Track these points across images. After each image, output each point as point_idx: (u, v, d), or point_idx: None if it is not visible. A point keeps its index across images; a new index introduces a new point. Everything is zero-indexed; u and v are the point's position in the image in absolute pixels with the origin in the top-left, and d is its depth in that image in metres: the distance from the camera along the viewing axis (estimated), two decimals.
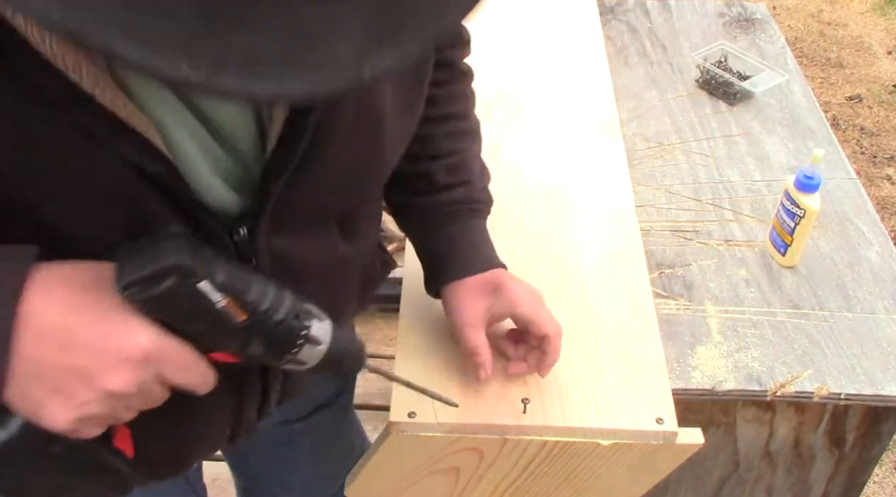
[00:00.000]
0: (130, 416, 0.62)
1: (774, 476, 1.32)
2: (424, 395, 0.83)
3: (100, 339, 0.58)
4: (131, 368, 0.58)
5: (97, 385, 0.57)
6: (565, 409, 0.91)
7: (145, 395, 0.61)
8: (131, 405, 0.61)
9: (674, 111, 1.68)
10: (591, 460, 0.92)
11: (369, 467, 0.94)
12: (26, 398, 0.57)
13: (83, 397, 0.57)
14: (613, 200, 1.21)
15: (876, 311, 1.28)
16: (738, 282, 1.32)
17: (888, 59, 3.63)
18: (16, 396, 0.56)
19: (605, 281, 1.08)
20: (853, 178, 1.54)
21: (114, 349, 0.58)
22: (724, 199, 1.48)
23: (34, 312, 0.56)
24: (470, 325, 0.89)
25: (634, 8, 2.01)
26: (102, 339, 0.58)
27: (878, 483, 2.07)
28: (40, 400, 0.57)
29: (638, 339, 1.01)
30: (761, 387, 1.16)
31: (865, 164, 3.05)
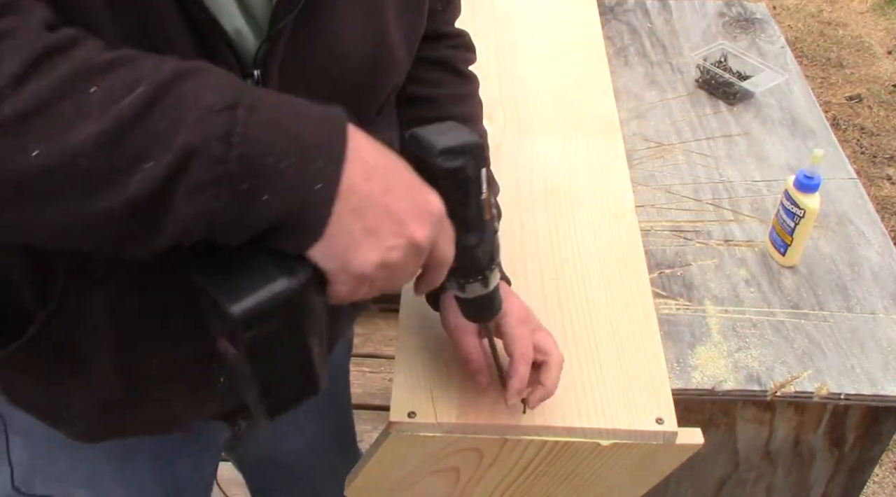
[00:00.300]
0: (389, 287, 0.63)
1: (774, 476, 1.32)
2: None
3: (411, 191, 0.61)
4: (430, 224, 0.61)
5: (407, 231, 0.60)
6: (565, 409, 0.91)
7: (415, 263, 0.63)
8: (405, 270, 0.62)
9: (674, 111, 1.68)
10: (590, 460, 0.92)
11: (369, 467, 0.94)
12: (343, 235, 0.58)
13: (391, 242, 0.59)
14: (613, 200, 1.21)
15: (876, 311, 1.28)
16: (738, 282, 1.32)
17: (888, 59, 3.63)
18: (334, 232, 0.57)
19: (605, 281, 1.08)
20: (853, 178, 1.54)
21: (421, 202, 0.61)
22: (724, 199, 1.48)
23: (361, 148, 0.58)
24: (463, 332, 0.88)
25: (634, 8, 2.01)
26: (413, 191, 0.61)
27: (878, 483, 2.07)
28: (356, 238, 0.58)
29: (638, 339, 1.01)
30: (761, 387, 1.16)
31: (865, 164, 3.05)
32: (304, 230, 0.57)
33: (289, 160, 0.55)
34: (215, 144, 0.52)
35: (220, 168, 0.52)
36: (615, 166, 1.29)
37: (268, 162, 0.54)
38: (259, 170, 0.54)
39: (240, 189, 0.53)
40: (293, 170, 0.55)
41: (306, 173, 0.55)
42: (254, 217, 0.55)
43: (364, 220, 0.58)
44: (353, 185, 0.57)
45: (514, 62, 1.53)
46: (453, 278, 0.74)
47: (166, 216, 0.53)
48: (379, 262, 0.59)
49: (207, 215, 0.54)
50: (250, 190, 0.54)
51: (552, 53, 1.56)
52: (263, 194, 0.54)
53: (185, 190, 0.52)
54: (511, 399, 0.85)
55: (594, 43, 1.59)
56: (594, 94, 1.44)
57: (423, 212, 0.61)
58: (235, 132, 0.53)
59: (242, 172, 0.53)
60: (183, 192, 0.52)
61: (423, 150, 0.66)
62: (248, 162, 0.53)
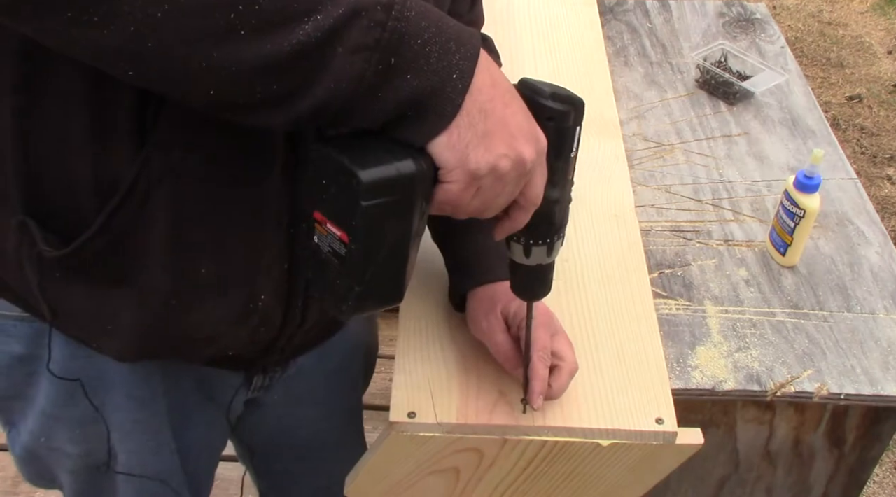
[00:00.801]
0: (488, 204, 0.68)
1: (774, 476, 1.32)
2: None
3: (525, 114, 0.67)
4: (536, 149, 0.67)
5: (517, 146, 0.65)
6: (565, 409, 0.91)
7: (515, 183, 0.67)
8: (507, 185, 0.67)
9: (674, 111, 1.68)
10: (590, 460, 0.92)
11: (369, 467, 0.94)
12: (465, 129, 0.63)
13: (502, 150, 0.65)
14: (613, 200, 1.21)
15: (876, 311, 1.28)
16: (737, 282, 1.32)
17: (888, 59, 3.63)
18: (460, 124, 0.63)
19: (605, 281, 1.08)
20: (853, 178, 1.54)
21: (532, 127, 0.67)
22: (724, 199, 1.48)
23: (488, 61, 0.65)
24: (495, 330, 0.91)
25: (634, 8, 2.01)
26: (526, 115, 0.67)
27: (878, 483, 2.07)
28: (476, 135, 0.64)
29: (638, 339, 1.01)
30: (761, 387, 1.16)
31: (865, 164, 3.05)
32: (435, 117, 0.62)
33: (433, 47, 0.60)
34: (379, 11, 0.58)
35: (377, 32, 0.58)
36: (615, 166, 1.29)
37: (416, 43, 0.60)
38: (407, 48, 0.59)
39: (389, 61, 0.59)
40: (435, 57, 0.61)
41: (446, 63, 0.61)
42: (393, 95, 0.60)
43: (485, 121, 0.64)
44: (482, 87, 0.63)
45: (513, 62, 1.53)
46: (524, 236, 0.77)
47: (322, 72, 0.58)
48: (491, 165, 0.64)
49: (356, 81, 0.58)
50: (397, 65, 0.59)
51: (552, 53, 1.56)
52: (408, 72, 0.60)
53: (344, 48, 0.57)
54: (536, 402, 0.87)
55: (594, 43, 1.59)
56: (594, 94, 1.44)
57: (532, 136, 0.67)
58: (395, 5, 0.58)
59: (394, 45, 0.59)
60: (342, 50, 0.57)
61: (535, 91, 0.70)
62: (400, 37, 0.59)
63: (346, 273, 0.66)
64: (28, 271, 0.76)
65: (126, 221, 0.72)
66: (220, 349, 0.86)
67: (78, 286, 0.76)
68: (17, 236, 0.74)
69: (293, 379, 1.03)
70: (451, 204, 0.66)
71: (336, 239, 0.65)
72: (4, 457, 1.97)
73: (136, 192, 0.70)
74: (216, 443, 1.10)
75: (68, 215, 0.73)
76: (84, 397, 0.90)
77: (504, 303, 0.91)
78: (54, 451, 0.97)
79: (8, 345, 0.87)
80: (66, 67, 0.66)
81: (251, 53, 0.56)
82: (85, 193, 0.71)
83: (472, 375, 0.94)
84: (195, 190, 0.72)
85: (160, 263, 0.74)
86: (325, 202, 0.65)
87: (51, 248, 0.73)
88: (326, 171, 0.64)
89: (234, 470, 1.32)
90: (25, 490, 1.90)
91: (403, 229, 0.66)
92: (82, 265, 0.74)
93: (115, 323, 0.78)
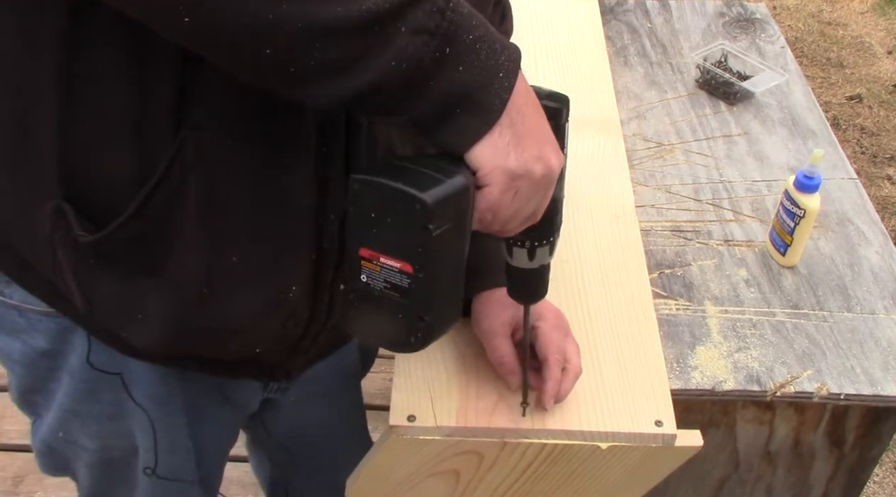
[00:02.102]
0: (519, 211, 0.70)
1: (774, 476, 1.31)
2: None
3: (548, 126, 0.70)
4: (558, 160, 0.70)
5: (545, 153, 0.68)
6: (564, 411, 0.91)
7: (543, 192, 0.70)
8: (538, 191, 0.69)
9: (674, 111, 1.68)
10: (590, 462, 0.92)
11: (369, 469, 0.94)
12: (507, 129, 0.65)
13: (535, 153, 0.67)
14: (613, 200, 1.21)
15: (876, 311, 1.28)
16: (737, 282, 1.32)
17: (888, 59, 3.63)
18: (504, 123, 0.65)
19: (605, 281, 1.08)
20: (853, 178, 1.54)
21: (553, 138, 0.70)
22: (723, 199, 1.48)
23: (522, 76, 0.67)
24: (496, 334, 0.91)
25: (634, 8, 2.00)
26: (548, 128, 0.70)
27: (878, 483, 2.07)
28: (515, 136, 0.66)
29: (637, 340, 1.01)
30: (761, 387, 1.16)
31: (865, 164, 3.05)
32: (483, 113, 0.64)
33: (482, 44, 0.63)
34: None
35: (438, 18, 0.60)
36: (615, 166, 1.29)
37: (468, 37, 0.62)
38: (461, 41, 0.61)
39: (444, 50, 0.61)
40: (485, 54, 0.63)
41: (493, 61, 0.63)
42: (444, 86, 0.62)
43: (523, 123, 0.66)
44: (521, 91, 0.66)
45: None
46: (528, 239, 0.78)
47: (383, 47, 0.59)
48: (527, 167, 0.67)
49: (414, 63, 0.60)
50: (451, 55, 0.61)
51: (552, 53, 1.56)
52: (459, 65, 0.62)
53: (407, 27, 0.59)
54: (548, 402, 0.88)
55: (594, 43, 1.59)
56: (594, 95, 1.44)
57: (556, 146, 0.70)
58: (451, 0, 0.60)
59: (451, 35, 0.61)
60: (405, 29, 0.59)
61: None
62: (456, 28, 0.61)
63: (411, 305, 0.64)
64: (61, 258, 0.75)
65: (160, 206, 0.72)
66: (247, 344, 0.84)
67: (110, 273, 0.76)
68: (51, 221, 0.74)
69: (309, 380, 1.03)
70: (492, 210, 0.67)
71: (395, 271, 0.63)
72: (4, 457, 1.97)
73: (170, 177, 0.70)
74: (228, 440, 1.11)
75: (104, 200, 0.73)
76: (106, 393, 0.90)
77: (515, 310, 0.91)
78: (72, 445, 0.97)
79: (33, 339, 0.87)
80: (109, 47, 0.65)
81: (321, 12, 0.56)
82: (121, 178, 0.71)
83: (471, 378, 0.94)
84: (228, 177, 0.72)
85: (192, 250, 0.74)
86: (375, 236, 0.63)
87: (86, 233, 0.73)
88: (376, 203, 0.62)
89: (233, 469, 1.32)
90: (25, 490, 1.90)
91: (462, 246, 0.66)
92: (115, 251, 0.74)
93: (145, 311, 0.78)
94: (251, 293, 0.79)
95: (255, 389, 1.02)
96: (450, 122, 0.64)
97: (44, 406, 0.95)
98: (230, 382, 0.97)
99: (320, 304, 0.85)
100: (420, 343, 0.67)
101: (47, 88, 0.68)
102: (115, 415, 0.93)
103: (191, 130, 0.69)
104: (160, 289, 0.76)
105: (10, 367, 0.92)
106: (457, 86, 0.62)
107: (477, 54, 0.62)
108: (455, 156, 0.66)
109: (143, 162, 0.70)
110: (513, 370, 0.91)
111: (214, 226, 0.74)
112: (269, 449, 1.30)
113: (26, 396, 0.95)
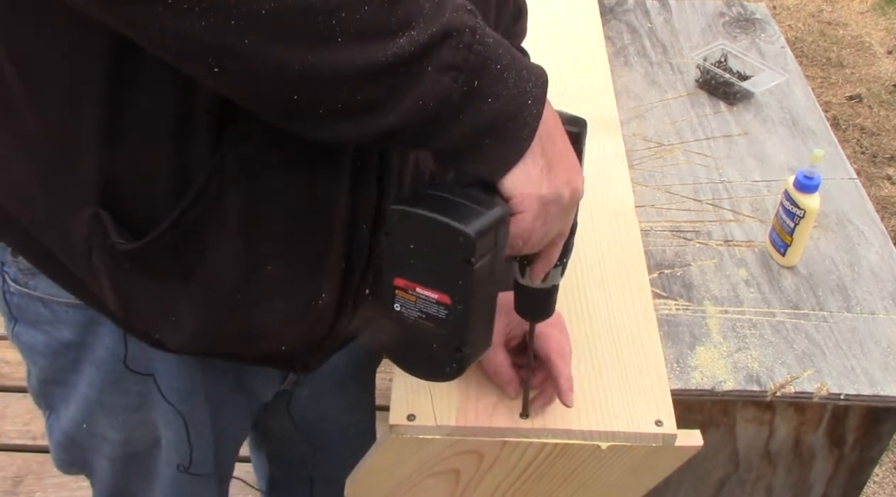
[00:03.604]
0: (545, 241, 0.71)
1: (774, 476, 1.32)
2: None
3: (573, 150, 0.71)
4: (582, 185, 0.71)
5: (573, 179, 0.69)
6: (564, 411, 0.91)
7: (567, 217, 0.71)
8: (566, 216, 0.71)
9: (674, 111, 1.68)
10: (590, 462, 0.92)
11: (369, 469, 0.94)
12: (538, 156, 0.66)
13: (564, 178, 0.68)
14: (613, 200, 1.21)
15: (876, 311, 1.28)
16: (737, 282, 1.32)
17: (888, 59, 3.63)
18: (534, 151, 0.66)
19: (605, 281, 1.08)
20: (853, 178, 1.54)
21: (577, 162, 0.71)
22: (723, 199, 1.48)
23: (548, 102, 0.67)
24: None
25: (634, 8, 2.00)
26: (573, 152, 0.71)
27: (878, 483, 2.07)
28: (546, 164, 0.66)
29: (637, 340, 1.00)
30: (761, 387, 1.16)
31: (865, 164, 3.05)
32: (514, 142, 0.64)
33: (510, 73, 0.63)
34: (467, 33, 0.60)
35: (465, 53, 0.60)
36: (615, 166, 1.29)
37: (496, 68, 0.62)
38: (488, 72, 0.62)
39: (473, 83, 0.61)
40: (513, 82, 0.63)
41: (521, 89, 0.64)
42: (474, 119, 0.62)
43: (553, 150, 0.67)
44: (549, 117, 0.67)
45: None
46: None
47: (411, 87, 0.59)
48: (558, 192, 0.67)
49: (442, 99, 0.60)
50: (479, 88, 0.61)
51: (552, 53, 1.56)
52: (489, 96, 0.62)
53: (433, 66, 0.59)
54: (568, 398, 0.88)
55: (594, 43, 1.59)
56: (594, 94, 1.44)
57: (580, 170, 0.71)
58: (478, 30, 0.61)
59: (478, 68, 0.61)
60: (432, 68, 0.59)
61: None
62: (484, 60, 0.61)
63: (447, 335, 0.63)
64: (97, 262, 0.76)
65: (198, 218, 0.72)
66: (274, 346, 0.85)
67: (145, 278, 0.76)
68: (87, 227, 0.74)
69: (324, 373, 1.04)
70: (523, 237, 0.68)
71: (432, 302, 0.63)
72: (4, 457, 1.97)
73: (209, 190, 0.70)
74: (242, 433, 1.11)
75: (142, 210, 0.73)
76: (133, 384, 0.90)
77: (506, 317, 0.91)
78: (95, 437, 0.98)
79: (58, 330, 0.88)
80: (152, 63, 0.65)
81: (346, 60, 0.57)
82: (161, 188, 0.72)
83: (471, 377, 0.94)
84: (266, 191, 0.72)
85: (228, 260, 0.75)
86: (411, 267, 0.63)
87: (123, 241, 0.73)
88: (415, 234, 0.62)
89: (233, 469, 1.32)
90: (25, 490, 1.90)
91: (494, 279, 0.65)
92: (151, 258, 0.74)
93: (178, 314, 0.78)
94: (283, 302, 0.80)
95: (272, 380, 1.02)
96: (478, 153, 0.64)
97: (62, 399, 0.95)
98: (248, 371, 0.97)
99: (346, 307, 0.86)
100: (455, 373, 0.66)
101: (93, 94, 0.68)
102: (141, 405, 0.93)
103: (230, 144, 0.69)
104: (193, 294, 0.77)
105: (33, 358, 0.92)
106: (486, 118, 0.62)
107: (505, 83, 0.62)
108: (488, 184, 0.66)
109: (182, 174, 0.71)
110: (510, 380, 0.91)
111: (250, 238, 0.74)
112: (274, 442, 1.30)
113: (45, 388, 0.95)
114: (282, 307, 0.80)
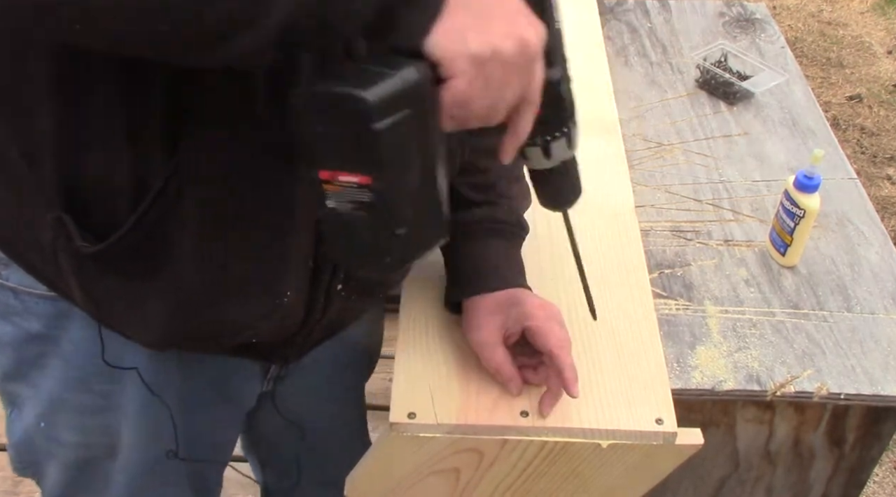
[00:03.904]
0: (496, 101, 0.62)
1: (774, 476, 1.32)
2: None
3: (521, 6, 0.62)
4: (537, 35, 0.62)
5: (517, 27, 0.61)
6: (565, 409, 0.91)
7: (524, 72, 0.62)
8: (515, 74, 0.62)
9: (673, 111, 1.68)
10: (590, 461, 0.92)
11: (369, 467, 0.94)
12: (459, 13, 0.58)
13: (503, 29, 0.60)
14: (613, 200, 1.21)
15: (876, 311, 1.28)
16: (737, 282, 1.32)
17: (888, 59, 3.63)
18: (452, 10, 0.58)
19: (605, 281, 1.08)
20: (853, 178, 1.54)
21: (526, 16, 0.62)
22: (723, 199, 1.48)
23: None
24: (487, 344, 0.91)
25: (634, 8, 2.00)
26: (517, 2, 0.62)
27: (878, 483, 2.07)
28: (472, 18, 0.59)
29: (637, 339, 1.01)
30: (761, 387, 1.16)
31: (865, 164, 3.05)
32: (426, 8, 0.58)
33: None
34: None
35: None
36: (615, 166, 1.29)
37: None
38: None
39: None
40: None
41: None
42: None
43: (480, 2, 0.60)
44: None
45: None
46: (538, 135, 0.70)
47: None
48: (494, 47, 0.59)
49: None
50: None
51: None
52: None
53: None
54: (574, 389, 0.87)
55: (594, 43, 1.59)
56: (594, 94, 1.44)
57: (532, 18, 0.63)
58: None
59: None
60: None
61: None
62: None
63: (379, 220, 0.59)
64: (64, 263, 0.77)
65: (158, 219, 0.72)
66: (244, 339, 0.86)
67: (112, 278, 0.77)
68: (52, 231, 0.75)
69: (307, 371, 1.04)
70: (461, 104, 0.61)
71: (354, 188, 0.58)
72: (4, 457, 1.96)
73: (168, 191, 0.71)
74: (226, 438, 1.10)
75: (103, 212, 0.74)
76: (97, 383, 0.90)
77: (503, 315, 0.92)
78: (50, 440, 0.97)
79: (27, 321, 0.88)
80: (99, 66, 0.66)
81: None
82: (119, 193, 0.72)
83: (472, 375, 0.94)
84: (224, 194, 0.73)
85: (190, 261, 0.75)
86: (327, 153, 0.58)
87: (87, 244, 0.74)
88: (319, 114, 0.57)
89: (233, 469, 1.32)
90: (26, 490, 1.90)
91: (425, 148, 0.60)
92: (116, 259, 0.75)
93: (145, 313, 0.79)
94: (249, 300, 0.80)
95: (253, 381, 1.02)
96: (393, 23, 0.57)
97: (25, 395, 0.94)
98: (229, 373, 0.97)
99: (316, 303, 0.86)
100: (398, 262, 0.62)
101: (44, 106, 0.69)
102: (103, 408, 0.93)
103: (186, 148, 0.69)
104: (160, 292, 0.78)
105: (1, 350, 0.92)
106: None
107: None
108: (414, 52, 0.59)
109: (140, 177, 0.71)
110: (511, 376, 0.91)
111: (213, 238, 0.75)
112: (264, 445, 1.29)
113: (10, 383, 0.95)
114: (247, 304, 0.80)
